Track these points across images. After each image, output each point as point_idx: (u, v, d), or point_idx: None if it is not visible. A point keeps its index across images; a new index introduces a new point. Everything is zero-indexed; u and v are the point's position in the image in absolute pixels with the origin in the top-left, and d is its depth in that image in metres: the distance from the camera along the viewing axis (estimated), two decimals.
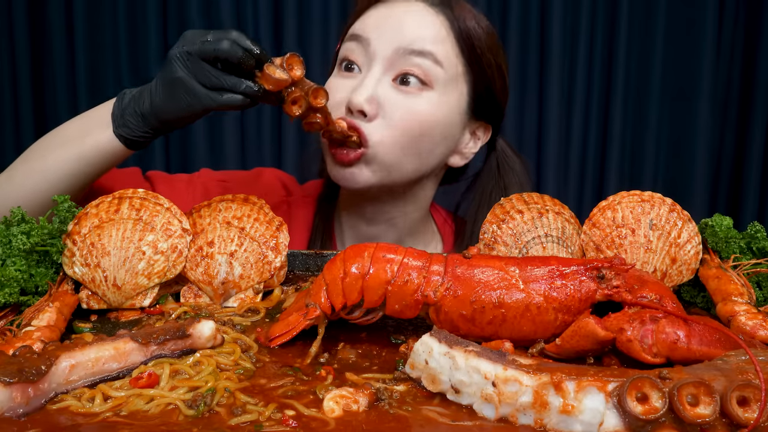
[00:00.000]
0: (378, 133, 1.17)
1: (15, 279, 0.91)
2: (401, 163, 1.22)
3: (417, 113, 1.18)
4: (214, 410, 0.69)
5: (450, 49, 1.21)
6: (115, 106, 1.11)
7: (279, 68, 1.01)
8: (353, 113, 1.17)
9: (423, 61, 1.18)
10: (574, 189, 2.59)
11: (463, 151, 1.32)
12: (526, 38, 2.51)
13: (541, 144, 2.56)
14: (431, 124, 1.20)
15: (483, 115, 1.31)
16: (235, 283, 1.00)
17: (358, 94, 1.16)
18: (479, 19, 1.25)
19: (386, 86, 1.18)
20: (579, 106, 2.54)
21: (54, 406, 0.69)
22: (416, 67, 1.18)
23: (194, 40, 1.00)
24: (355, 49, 1.22)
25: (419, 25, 1.20)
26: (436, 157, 1.27)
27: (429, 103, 1.19)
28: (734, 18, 2.52)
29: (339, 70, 1.25)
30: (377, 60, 1.19)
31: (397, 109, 1.17)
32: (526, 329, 0.82)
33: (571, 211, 1.07)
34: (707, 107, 2.54)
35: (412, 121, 1.18)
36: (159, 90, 1.05)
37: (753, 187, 2.55)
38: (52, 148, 1.14)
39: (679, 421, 0.62)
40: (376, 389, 0.73)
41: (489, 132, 1.35)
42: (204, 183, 1.38)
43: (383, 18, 1.21)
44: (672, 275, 1.00)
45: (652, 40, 2.51)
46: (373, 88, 1.17)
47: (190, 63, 1.00)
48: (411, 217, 1.35)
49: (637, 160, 2.60)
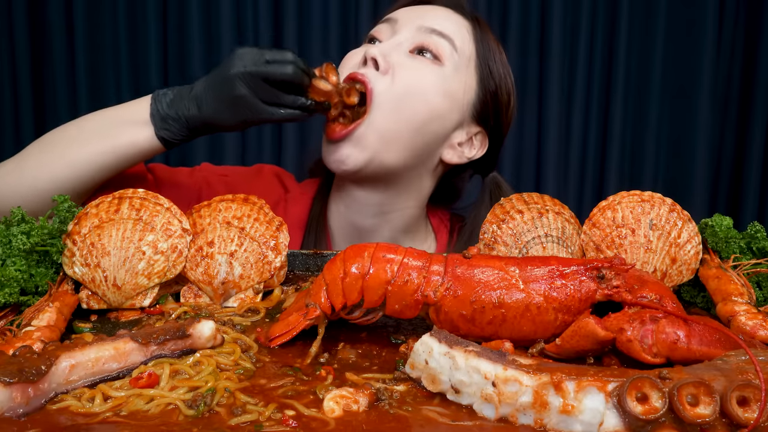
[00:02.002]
0: (382, 84, 1.21)
1: (15, 279, 0.91)
2: (391, 141, 1.23)
3: (423, 77, 1.23)
4: (214, 410, 0.69)
5: (468, 43, 1.29)
6: (153, 107, 1.18)
7: (322, 80, 1.15)
8: (366, 63, 1.23)
9: (441, 40, 1.25)
10: (574, 189, 2.59)
11: (457, 149, 1.32)
12: (526, 38, 2.51)
13: (541, 144, 2.56)
14: (433, 91, 1.24)
15: (484, 123, 1.33)
16: (235, 283, 1.00)
17: (376, 47, 1.24)
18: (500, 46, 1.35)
19: (403, 53, 1.25)
20: (579, 105, 2.54)
21: (54, 406, 0.69)
22: (433, 44, 1.25)
23: (256, 61, 1.12)
24: (382, 28, 1.31)
25: (446, 18, 1.29)
26: (429, 137, 1.27)
27: (437, 73, 1.25)
28: (734, 17, 2.52)
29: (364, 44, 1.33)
30: (400, 32, 1.27)
31: (407, 71, 1.23)
32: (526, 329, 0.82)
33: (571, 211, 1.07)
34: (707, 106, 2.54)
35: (416, 84, 1.23)
36: (210, 101, 1.15)
37: (753, 187, 2.55)
38: (77, 140, 1.18)
39: (679, 421, 0.62)
40: (376, 389, 0.73)
41: (486, 145, 1.36)
42: (205, 176, 1.40)
43: (414, 8, 1.32)
44: (672, 275, 1.00)
45: (652, 39, 2.51)
46: (390, 47, 1.25)
47: (252, 82, 1.12)
48: (406, 213, 1.35)
49: (637, 159, 2.60)
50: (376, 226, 1.34)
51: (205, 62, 2.48)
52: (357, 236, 1.35)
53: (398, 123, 1.22)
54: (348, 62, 1.29)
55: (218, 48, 2.47)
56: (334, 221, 1.39)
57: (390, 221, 1.34)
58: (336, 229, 1.39)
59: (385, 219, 1.34)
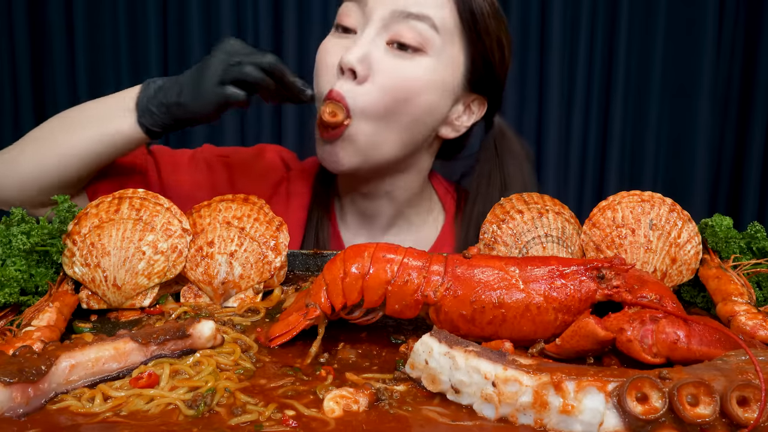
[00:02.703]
0: (363, 97, 1.16)
1: (15, 279, 0.91)
2: (383, 141, 1.20)
3: (407, 78, 1.17)
4: (214, 410, 0.69)
5: (449, 15, 1.19)
6: (140, 95, 1.16)
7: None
8: (344, 72, 1.17)
9: (419, 24, 1.16)
10: (574, 189, 2.59)
11: (455, 123, 1.29)
12: (526, 37, 2.50)
13: (541, 144, 2.56)
14: (419, 89, 1.18)
15: (479, 89, 1.28)
16: (235, 283, 1.00)
17: (351, 54, 1.15)
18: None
19: (380, 48, 1.17)
20: (579, 105, 2.54)
21: (54, 406, 0.69)
22: (412, 30, 1.16)
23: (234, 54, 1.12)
24: (351, 10, 1.21)
25: None
26: (422, 128, 1.24)
27: (421, 68, 1.18)
28: (734, 16, 2.52)
29: (335, 31, 1.25)
30: (373, 21, 1.17)
31: (388, 72, 1.16)
32: (526, 329, 0.82)
33: (571, 211, 1.07)
34: (707, 106, 2.54)
35: (400, 87, 1.17)
36: (189, 88, 1.13)
37: (753, 187, 2.55)
38: (70, 127, 1.19)
39: (679, 421, 0.62)
40: (376, 389, 0.73)
41: (485, 106, 1.32)
42: (206, 158, 1.39)
43: None
44: (672, 275, 1.00)
45: (652, 38, 2.51)
46: (366, 49, 1.16)
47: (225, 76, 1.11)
48: (409, 189, 1.34)
49: (637, 159, 2.60)
50: (381, 206, 1.35)
51: None
52: (362, 214, 1.36)
53: (387, 127, 1.19)
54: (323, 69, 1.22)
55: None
56: (339, 200, 1.40)
57: (394, 198, 1.34)
58: (340, 207, 1.40)
59: (389, 197, 1.34)
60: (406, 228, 1.38)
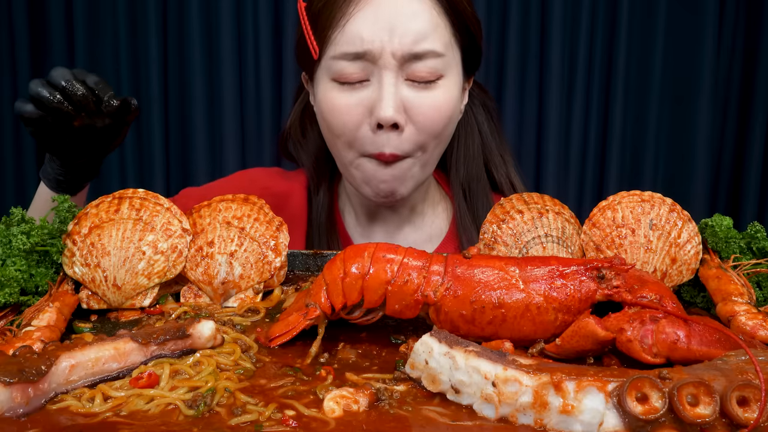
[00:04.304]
0: (409, 143, 1.20)
1: (15, 279, 0.92)
2: (431, 164, 1.28)
3: (439, 107, 1.21)
4: (214, 410, 0.69)
5: (443, 29, 1.21)
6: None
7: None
8: (383, 128, 1.17)
9: (428, 61, 1.18)
10: (574, 189, 2.59)
11: (461, 109, 1.34)
12: (526, 38, 2.51)
13: (541, 144, 2.56)
14: (450, 110, 1.23)
15: (471, 69, 1.33)
16: (235, 283, 1.00)
17: (386, 108, 1.15)
18: None
19: (404, 88, 1.18)
20: (579, 106, 2.54)
21: (54, 406, 0.69)
22: (423, 66, 1.18)
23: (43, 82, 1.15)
24: (355, 66, 1.18)
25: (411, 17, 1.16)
26: (451, 133, 1.30)
27: (445, 89, 1.22)
28: (734, 17, 2.52)
29: (340, 86, 1.20)
30: (386, 69, 1.16)
31: (422, 109, 1.19)
32: (526, 329, 0.82)
33: (571, 211, 1.07)
34: (707, 106, 2.54)
35: (436, 118, 1.21)
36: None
37: (753, 187, 2.55)
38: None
39: (679, 421, 0.62)
40: (376, 389, 0.73)
41: (471, 81, 1.37)
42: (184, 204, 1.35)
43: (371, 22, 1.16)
44: (672, 275, 1.00)
45: (652, 39, 2.51)
46: (395, 97, 1.16)
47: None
48: (423, 187, 1.37)
49: (637, 160, 2.60)
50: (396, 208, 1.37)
51: (206, 62, 2.49)
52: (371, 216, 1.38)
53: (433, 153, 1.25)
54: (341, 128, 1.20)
55: (218, 48, 2.47)
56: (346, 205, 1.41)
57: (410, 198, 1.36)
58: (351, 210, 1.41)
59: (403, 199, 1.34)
60: (419, 223, 1.41)
